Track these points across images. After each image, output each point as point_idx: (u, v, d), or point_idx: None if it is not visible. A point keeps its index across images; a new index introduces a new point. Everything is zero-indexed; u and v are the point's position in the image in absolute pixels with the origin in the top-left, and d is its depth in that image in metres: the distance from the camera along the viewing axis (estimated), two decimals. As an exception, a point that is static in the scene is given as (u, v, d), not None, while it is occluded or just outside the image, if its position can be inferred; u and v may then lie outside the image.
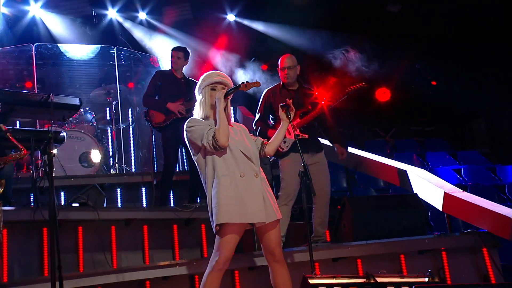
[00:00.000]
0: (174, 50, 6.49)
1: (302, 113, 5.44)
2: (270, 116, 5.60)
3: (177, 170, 7.71)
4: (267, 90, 5.67)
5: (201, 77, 3.80)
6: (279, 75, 5.61)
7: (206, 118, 3.74)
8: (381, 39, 9.85)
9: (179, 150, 6.62)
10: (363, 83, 5.48)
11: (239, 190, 3.56)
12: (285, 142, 5.37)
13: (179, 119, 6.17)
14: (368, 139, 11.40)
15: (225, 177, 3.58)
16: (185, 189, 6.46)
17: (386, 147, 10.77)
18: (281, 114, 3.92)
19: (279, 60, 5.62)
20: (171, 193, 6.91)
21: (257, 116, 5.60)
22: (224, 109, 3.67)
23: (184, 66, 6.48)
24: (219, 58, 9.32)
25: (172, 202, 6.83)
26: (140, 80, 8.56)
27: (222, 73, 3.79)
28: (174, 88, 6.31)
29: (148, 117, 6.30)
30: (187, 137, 3.70)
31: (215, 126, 3.64)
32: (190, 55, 6.47)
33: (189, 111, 6.23)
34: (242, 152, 3.67)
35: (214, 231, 3.58)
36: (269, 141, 3.89)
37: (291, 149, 5.40)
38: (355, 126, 11.79)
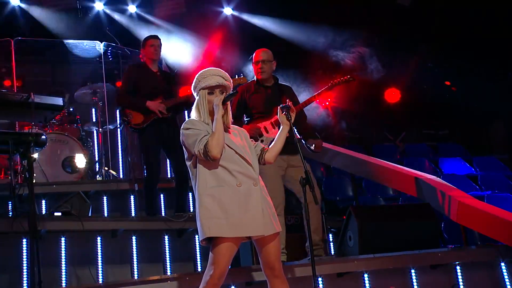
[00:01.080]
0: (153, 38, 6.40)
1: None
2: (244, 114, 5.61)
3: (169, 176, 7.72)
4: (241, 87, 5.69)
5: (197, 76, 3.74)
6: (253, 70, 5.62)
7: (205, 122, 3.72)
8: (391, 35, 9.87)
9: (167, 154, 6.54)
10: (349, 76, 5.45)
11: (235, 201, 3.54)
12: (262, 141, 5.33)
13: (160, 119, 6.14)
14: (376, 144, 11.39)
15: (220, 188, 3.56)
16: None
17: (396, 152, 10.77)
18: (281, 116, 3.90)
19: (253, 54, 5.64)
20: (162, 201, 6.91)
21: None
22: (223, 116, 3.65)
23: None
24: (214, 55, 9.32)
25: (163, 211, 6.83)
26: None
27: (220, 72, 3.73)
28: (151, 84, 6.25)
29: (125, 117, 6.23)
30: (181, 140, 3.68)
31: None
32: None
33: (170, 110, 6.22)
34: (242, 157, 3.65)
35: (200, 244, 3.59)
36: (269, 147, 3.87)
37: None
38: (362, 130, 11.78)
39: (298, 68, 9.44)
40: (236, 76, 5.88)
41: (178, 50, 9.39)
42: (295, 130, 3.90)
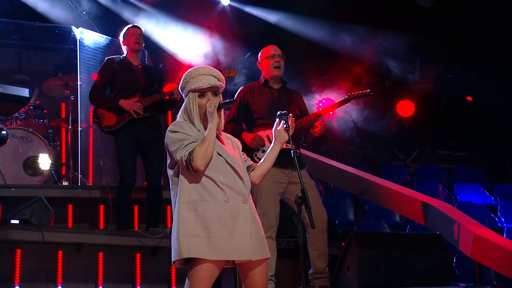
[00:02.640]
0: (134, 27, 6.41)
1: None
2: (247, 119, 5.61)
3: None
4: (244, 87, 5.70)
5: (185, 75, 3.67)
6: (263, 67, 5.62)
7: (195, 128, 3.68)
8: (407, 39, 9.90)
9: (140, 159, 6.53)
10: (369, 90, 5.51)
11: (221, 219, 3.51)
12: (263, 151, 5.33)
13: (134, 120, 6.13)
14: (384, 162, 11.43)
15: (204, 202, 3.52)
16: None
17: (406, 173, 10.80)
18: (277, 130, 3.84)
19: (263, 51, 5.66)
20: (136, 214, 6.89)
21: (229, 117, 5.60)
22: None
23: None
24: (208, 50, 9.32)
25: (136, 225, 6.81)
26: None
27: (212, 70, 3.68)
28: (129, 79, 6.25)
29: (96, 118, 6.23)
30: (165, 143, 3.61)
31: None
32: None
33: (148, 110, 6.21)
34: (233, 169, 3.62)
35: (172, 264, 3.56)
36: (257, 164, 3.85)
37: (275, 163, 5.38)
38: (368, 145, 11.82)
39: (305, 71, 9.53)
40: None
41: (167, 40, 9.40)
42: (291, 141, 3.86)
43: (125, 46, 6.37)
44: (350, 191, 7.60)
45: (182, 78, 3.69)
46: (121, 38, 6.40)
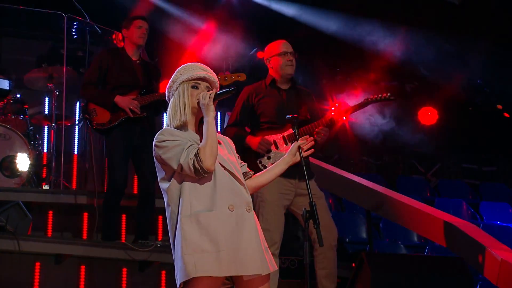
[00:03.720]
0: (142, 19, 6.40)
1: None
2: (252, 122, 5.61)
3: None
4: (248, 87, 5.67)
5: (177, 70, 3.68)
6: (272, 65, 5.60)
7: (182, 126, 3.66)
8: (433, 38, 9.89)
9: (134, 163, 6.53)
10: (389, 94, 5.51)
11: (227, 229, 3.49)
12: (269, 157, 5.34)
13: (130, 120, 6.13)
14: (402, 175, 11.42)
15: (208, 213, 3.49)
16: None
17: (426, 188, 10.79)
18: (294, 145, 3.79)
19: (271, 46, 5.65)
20: (124, 223, 6.89)
21: (231, 120, 5.61)
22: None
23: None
24: (210, 44, 9.34)
25: (124, 236, 6.81)
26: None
27: (205, 67, 3.71)
28: (127, 75, 6.26)
29: (87, 114, 6.24)
30: (156, 155, 3.59)
31: (199, 140, 3.57)
32: None
33: (145, 110, 6.22)
34: (232, 174, 3.62)
35: (179, 287, 3.52)
36: (254, 175, 3.84)
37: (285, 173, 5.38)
38: (385, 155, 11.81)
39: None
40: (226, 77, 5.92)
41: (167, 32, 9.42)
42: (300, 151, 3.85)
43: (127, 37, 6.37)
44: (364, 206, 7.59)
45: (174, 74, 3.69)
46: (124, 26, 6.39)
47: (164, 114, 7.55)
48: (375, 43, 9.98)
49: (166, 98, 3.74)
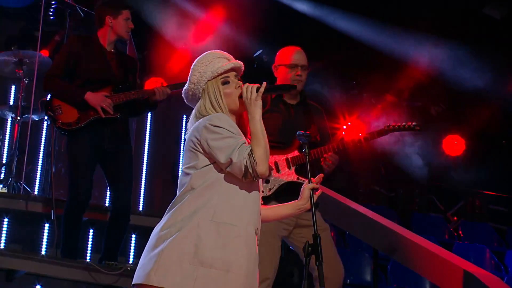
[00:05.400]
0: (124, 8, 6.33)
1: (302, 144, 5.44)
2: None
3: (108, 204, 7.68)
4: None
5: (195, 65, 3.64)
6: (279, 75, 5.58)
7: None
8: (469, 55, 9.90)
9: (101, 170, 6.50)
10: (415, 124, 5.51)
11: (246, 253, 3.45)
12: (267, 181, 5.33)
13: (102, 121, 6.12)
14: (418, 211, 11.42)
15: (232, 227, 3.48)
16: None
17: (445, 229, 10.78)
18: (305, 188, 3.77)
19: (282, 53, 5.64)
20: (90, 240, 6.87)
21: None
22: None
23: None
24: (207, 38, 9.34)
25: (88, 254, 6.80)
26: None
27: (224, 53, 3.68)
28: (100, 67, 6.23)
29: (49, 111, 6.18)
30: (199, 138, 3.48)
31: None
32: None
33: (119, 110, 6.19)
34: (259, 186, 3.61)
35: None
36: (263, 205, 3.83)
37: (276, 197, 5.38)
38: (400, 187, 11.81)
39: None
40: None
41: (158, 20, 9.42)
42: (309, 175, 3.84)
43: (111, 26, 6.33)
44: (371, 244, 7.57)
45: (194, 71, 3.63)
46: (109, 12, 6.32)
47: (148, 115, 7.58)
48: (402, 55, 9.97)
49: (185, 99, 3.70)
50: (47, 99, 6.27)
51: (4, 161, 7.93)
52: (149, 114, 7.87)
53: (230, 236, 3.42)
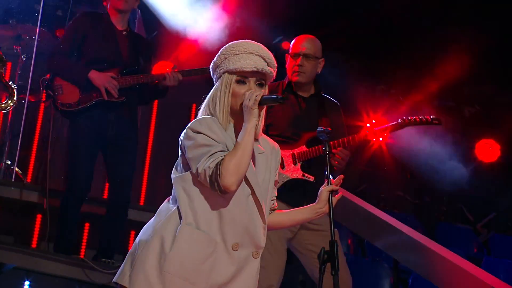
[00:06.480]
0: None
1: (312, 139, 5.44)
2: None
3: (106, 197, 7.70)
4: None
5: (223, 49, 3.66)
6: (287, 66, 5.63)
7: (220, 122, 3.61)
8: (497, 55, 9.87)
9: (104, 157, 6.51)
10: (434, 117, 5.50)
11: (219, 270, 3.48)
12: None
13: (104, 104, 6.15)
14: (444, 221, 11.40)
15: (202, 235, 3.48)
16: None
17: (474, 242, 10.76)
18: (323, 190, 3.77)
19: (293, 41, 5.68)
20: (84, 235, 6.90)
21: None
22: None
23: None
24: (225, 24, 9.34)
25: (83, 250, 6.82)
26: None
27: (262, 49, 3.64)
28: (108, 47, 6.29)
29: (50, 91, 6.24)
30: (182, 144, 3.57)
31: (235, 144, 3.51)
32: None
33: (125, 94, 6.21)
34: (258, 203, 3.58)
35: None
36: (278, 210, 3.82)
37: (279, 195, 5.39)
38: (426, 194, 11.80)
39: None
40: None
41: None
42: (329, 180, 3.83)
43: (109, 1, 6.38)
44: (392, 254, 7.58)
45: (218, 54, 3.65)
46: None
47: (155, 102, 7.59)
48: (438, 45, 9.92)
49: (211, 70, 3.72)
50: (49, 78, 6.28)
51: (-4, 145, 7.97)
52: (156, 101, 7.86)
53: (196, 250, 3.46)
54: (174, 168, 3.65)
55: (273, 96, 3.52)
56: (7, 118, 8.05)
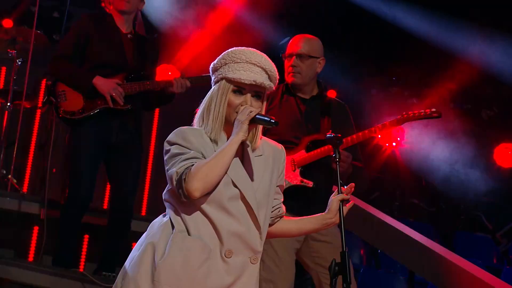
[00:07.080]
0: None
1: (311, 143, 5.43)
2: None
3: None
4: None
5: (226, 53, 3.66)
6: (285, 66, 5.62)
7: (209, 130, 3.62)
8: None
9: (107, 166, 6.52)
10: (433, 110, 5.49)
11: (211, 278, 3.49)
12: None
13: (110, 111, 6.15)
14: (462, 230, 11.39)
15: (195, 241, 3.52)
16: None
17: (493, 251, 10.75)
18: (334, 199, 3.75)
19: (290, 41, 5.66)
20: (83, 247, 6.89)
21: None
22: (242, 141, 3.56)
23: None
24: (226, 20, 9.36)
25: (83, 263, 6.82)
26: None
27: (266, 60, 3.63)
28: (113, 51, 6.27)
29: (53, 97, 6.20)
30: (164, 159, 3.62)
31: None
32: None
33: (131, 101, 6.22)
34: (251, 210, 3.58)
35: None
36: (286, 216, 3.82)
37: (286, 205, 5.39)
38: (442, 201, 11.79)
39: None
40: None
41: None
42: (339, 188, 3.82)
43: (111, 1, 6.38)
44: (406, 265, 7.58)
45: (220, 57, 3.66)
46: None
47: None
48: (451, 49, 9.92)
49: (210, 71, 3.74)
50: (51, 83, 6.27)
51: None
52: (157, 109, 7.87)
53: (188, 259, 3.48)
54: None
55: (266, 118, 3.53)
56: (1, 125, 8.03)
